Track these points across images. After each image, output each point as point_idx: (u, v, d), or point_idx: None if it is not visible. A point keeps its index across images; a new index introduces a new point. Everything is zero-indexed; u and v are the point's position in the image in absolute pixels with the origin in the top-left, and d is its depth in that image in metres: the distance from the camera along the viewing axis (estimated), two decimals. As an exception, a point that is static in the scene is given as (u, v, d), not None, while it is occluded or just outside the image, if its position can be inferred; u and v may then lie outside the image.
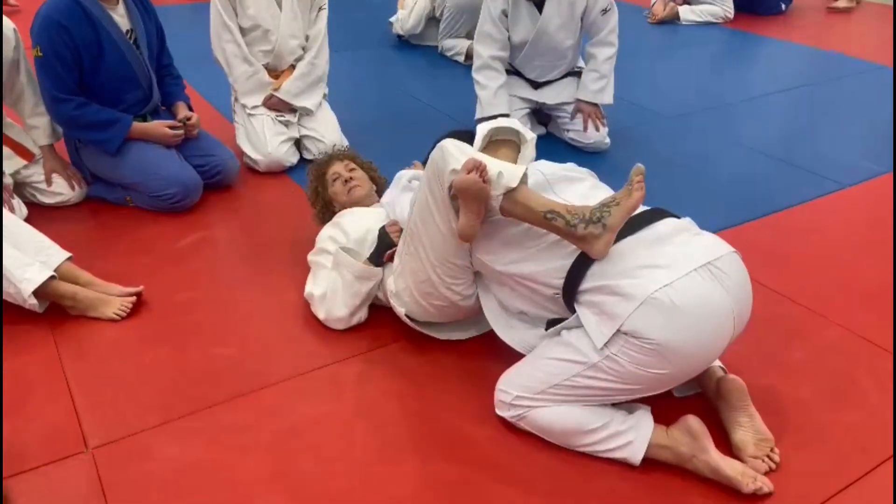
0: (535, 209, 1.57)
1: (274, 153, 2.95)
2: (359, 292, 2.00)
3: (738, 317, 1.54)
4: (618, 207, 1.51)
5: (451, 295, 1.84)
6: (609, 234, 1.51)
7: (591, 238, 1.51)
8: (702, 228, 1.71)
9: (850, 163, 3.14)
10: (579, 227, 1.51)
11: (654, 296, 1.46)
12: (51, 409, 1.76)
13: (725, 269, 1.53)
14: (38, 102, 2.58)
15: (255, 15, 2.94)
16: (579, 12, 3.10)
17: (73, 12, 2.42)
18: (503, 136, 1.80)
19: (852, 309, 2.15)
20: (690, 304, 1.47)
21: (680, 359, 1.51)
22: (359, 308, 2.02)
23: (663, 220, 1.63)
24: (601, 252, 1.52)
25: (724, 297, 1.50)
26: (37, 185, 2.63)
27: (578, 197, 1.68)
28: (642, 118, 3.63)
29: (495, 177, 1.58)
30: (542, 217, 1.56)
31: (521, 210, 1.59)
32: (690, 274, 1.49)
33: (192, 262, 2.40)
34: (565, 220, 1.53)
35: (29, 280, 1.97)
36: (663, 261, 1.51)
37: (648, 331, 1.46)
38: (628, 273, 1.51)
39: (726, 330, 1.53)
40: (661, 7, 5.50)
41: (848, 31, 5.32)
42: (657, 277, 1.48)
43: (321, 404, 1.79)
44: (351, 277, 2.00)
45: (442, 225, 1.72)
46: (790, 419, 1.73)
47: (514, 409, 1.66)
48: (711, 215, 2.61)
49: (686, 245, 1.57)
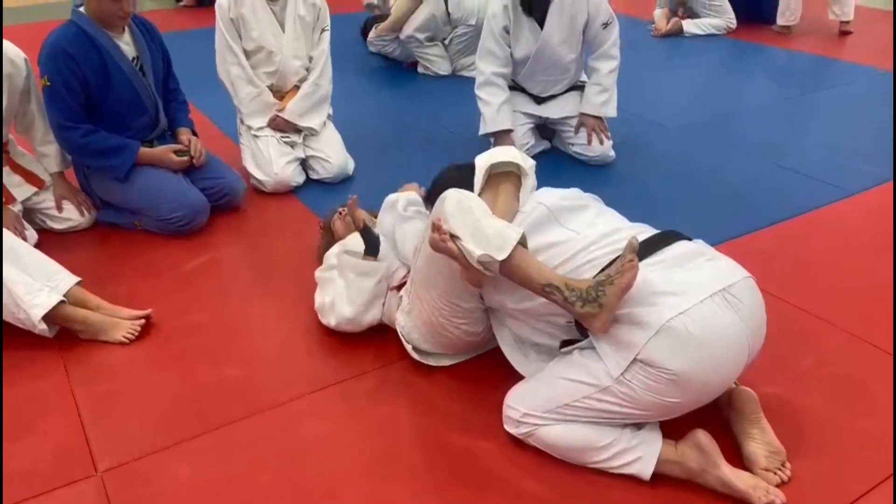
0: (533, 279, 1.55)
1: (280, 174, 2.97)
2: (362, 288, 2.00)
3: (752, 344, 1.53)
4: (612, 287, 1.47)
5: (459, 333, 1.85)
6: (606, 312, 1.48)
7: (588, 316, 1.50)
8: (709, 239, 1.71)
9: (855, 169, 3.13)
10: (577, 305, 1.50)
11: (670, 324, 1.45)
12: (60, 432, 1.77)
13: (740, 296, 1.52)
14: (49, 130, 2.62)
15: (258, 37, 2.98)
16: (580, 26, 3.11)
17: (80, 41, 2.46)
18: (503, 169, 1.78)
19: (860, 315, 2.13)
20: (706, 332, 1.45)
21: (694, 388, 1.50)
22: (366, 307, 2.01)
23: (676, 244, 1.62)
24: (600, 330, 1.50)
25: (739, 325, 1.49)
26: (47, 211, 2.66)
27: (585, 225, 1.67)
28: (647, 130, 3.63)
29: (485, 249, 1.55)
30: (540, 289, 1.54)
31: (519, 277, 1.57)
32: (705, 301, 1.47)
33: (201, 284, 2.41)
34: (563, 295, 1.51)
35: (39, 305, 1.99)
36: (677, 287, 1.50)
37: (664, 360, 1.45)
38: (642, 300, 1.49)
39: (741, 358, 1.52)
40: (665, 22, 5.52)
41: (849, 38, 5.31)
42: (672, 304, 1.47)
43: (330, 423, 1.79)
44: (353, 275, 2.02)
45: (446, 270, 1.72)
46: (802, 429, 1.71)
47: (523, 427, 1.65)
48: (718, 225, 2.61)
49: (700, 271, 1.55)
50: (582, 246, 1.62)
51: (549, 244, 1.64)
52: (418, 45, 4.55)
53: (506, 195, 1.74)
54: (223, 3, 2.94)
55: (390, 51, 4.67)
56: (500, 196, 1.73)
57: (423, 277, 1.81)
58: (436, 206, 1.69)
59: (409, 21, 4.48)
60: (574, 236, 1.64)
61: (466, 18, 4.46)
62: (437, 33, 4.54)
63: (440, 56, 4.59)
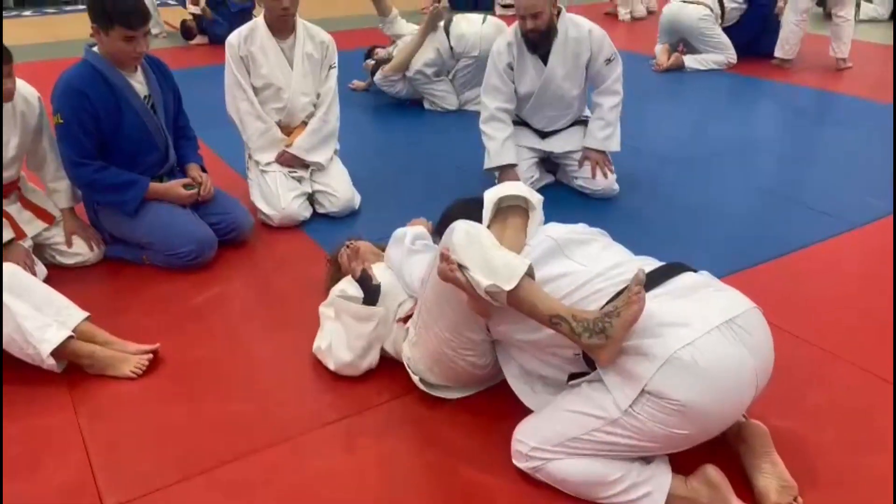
0: (540, 311, 1.56)
1: (287, 208, 3.00)
2: (361, 334, 2.00)
3: (760, 375, 1.53)
4: (619, 319, 1.47)
5: (466, 365, 1.85)
6: (613, 344, 1.48)
7: (595, 348, 1.50)
8: (713, 272, 1.71)
9: (859, 202, 3.14)
10: (583, 336, 1.50)
11: (677, 355, 1.45)
12: (68, 468, 1.76)
13: (746, 327, 1.52)
14: (60, 167, 2.66)
15: (267, 74, 3.03)
16: (583, 62, 3.17)
17: (94, 80, 2.52)
18: (511, 203, 1.80)
19: (868, 348, 2.13)
20: (713, 363, 1.45)
21: (703, 419, 1.49)
22: (365, 352, 2.02)
23: (683, 275, 1.63)
24: (607, 361, 1.50)
25: (746, 355, 1.49)
26: (57, 246, 2.69)
27: (591, 259, 1.68)
28: (650, 164, 3.66)
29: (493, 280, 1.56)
30: (547, 320, 1.55)
31: (527, 308, 1.57)
32: (712, 332, 1.48)
33: (208, 318, 2.42)
34: (570, 326, 1.52)
35: (48, 341, 1.99)
36: (684, 318, 1.50)
37: (672, 391, 1.45)
38: (649, 331, 1.49)
39: (749, 389, 1.52)
40: (666, 57, 5.61)
41: (848, 72, 5.38)
42: (679, 335, 1.47)
43: (337, 458, 1.78)
44: (350, 320, 2.02)
45: (453, 301, 1.72)
46: (812, 463, 1.70)
47: (532, 461, 1.64)
48: (722, 258, 2.62)
49: (707, 302, 1.56)
50: (588, 278, 1.63)
51: (556, 276, 1.65)
52: (426, 81, 4.62)
53: (514, 228, 1.75)
54: (233, 40, 3.01)
55: (396, 91, 4.72)
56: (508, 229, 1.75)
57: (431, 309, 1.82)
58: (444, 236, 1.70)
59: (415, 58, 4.56)
60: (580, 269, 1.65)
61: (469, 51, 4.54)
62: (443, 67, 4.63)
63: (447, 91, 4.67)
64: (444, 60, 4.59)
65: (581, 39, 3.12)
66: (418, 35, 4.55)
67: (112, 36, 2.45)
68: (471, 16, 4.73)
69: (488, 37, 4.44)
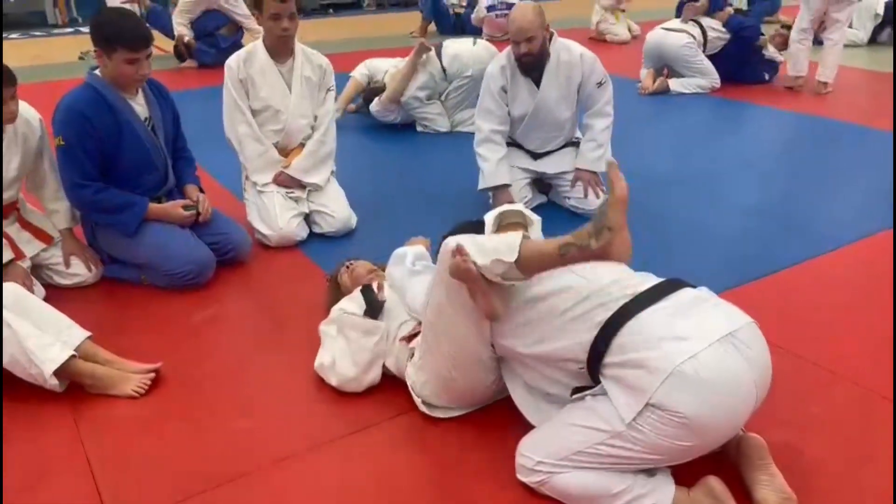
0: (549, 254, 1.62)
1: (285, 228, 3.02)
2: (365, 347, 2.03)
3: (759, 387, 1.57)
4: (612, 209, 1.54)
5: (471, 383, 1.88)
6: (619, 233, 1.56)
7: (607, 246, 1.56)
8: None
9: (845, 222, 3.22)
10: (592, 244, 1.57)
11: (680, 368, 1.48)
12: (73, 488, 1.76)
13: (746, 340, 1.56)
14: (59, 188, 2.67)
15: (266, 96, 3.07)
16: (575, 86, 3.24)
17: (96, 103, 2.55)
18: (511, 220, 1.87)
19: (860, 363, 2.18)
20: (716, 376, 1.49)
21: (706, 431, 1.52)
22: (370, 366, 2.04)
23: (682, 290, 1.67)
24: (625, 253, 1.56)
25: (746, 368, 1.53)
26: (55, 267, 2.69)
27: (593, 273, 1.71)
28: (639, 184, 3.65)
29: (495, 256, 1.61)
30: (558, 257, 1.61)
31: (538, 262, 1.63)
32: (713, 345, 1.51)
33: (208, 338, 2.43)
34: (577, 245, 1.58)
35: (51, 360, 2.00)
36: (685, 332, 1.54)
37: (676, 404, 1.48)
38: (652, 345, 1.53)
39: (750, 401, 1.56)
40: (651, 81, 5.73)
41: (831, 97, 5.52)
42: (681, 349, 1.50)
43: (342, 475, 1.79)
44: (355, 335, 2.04)
45: (458, 319, 1.75)
46: (809, 475, 1.73)
47: (536, 475, 1.67)
48: (712, 277, 2.64)
49: (706, 316, 1.60)
50: (592, 291, 1.66)
51: (561, 289, 1.68)
52: (419, 105, 4.67)
53: None
54: (232, 63, 3.05)
55: (392, 119, 4.75)
56: None
57: (434, 328, 1.84)
58: (440, 253, 1.74)
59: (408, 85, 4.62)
60: (583, 282, 1.68)
61: (462, 71, 4.61)
62: (436, 89, 4.69)
63: (439, 113, 4.73)
64: (437, 83, 4.66)
65: (573, 63, 3.19)
66: (407, 65, 4.58)
67: (115, 59, 2.48)
68: (461, 41, 4.82)
69: (480, 57, 4.53)
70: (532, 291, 1.70)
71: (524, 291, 1.71)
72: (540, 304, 1.68)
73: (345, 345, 2.06)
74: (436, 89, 4.69)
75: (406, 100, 4.65)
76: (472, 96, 4.67)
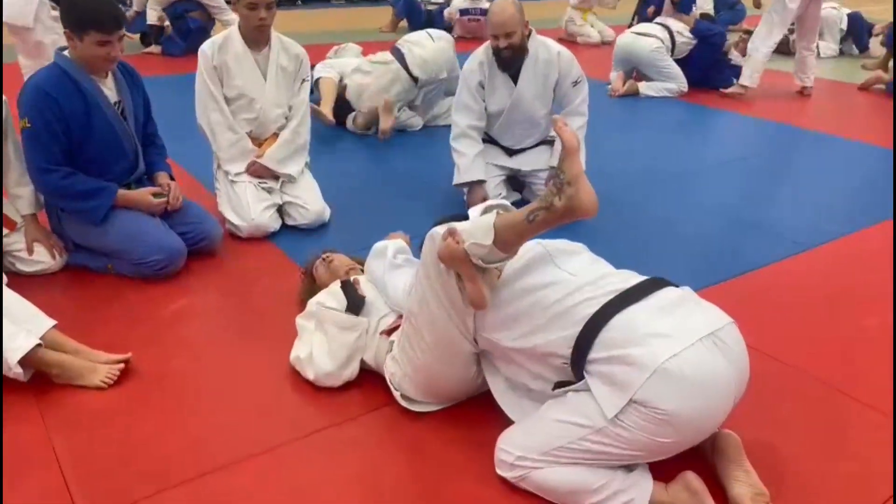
0: (520, 225, 1.57)
1: (257, 219, 2.97)
2: (345, 343, 2.01)
3: (738, 386, 1.60)
4: (565, 161, 1.50)
5: (450, 377, 1.87)
6: (580, 182, 1.49)
7: (573, 200, 1.49)
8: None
9: (809, 225, 3.29)
10: (557, 202, 1.51)
11: (665, 365, 1.49)
12: (40, 481, 1.70)
13: (727, 340, 1.59)
14: (24, 173, 2.59)
15: (240, 85, 3.02)
16: (552, 84, 3.26)
17: (63, 84, 2.46)
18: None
19: (830, 365, 2.23)
20: (698, 374, 1.51)
21: (687, 428, 1.55)
22: (347, 362, 2.02)
23: (665, 289, 1.69)
24: (591, 203, 1.49)
25: (727, 367, 1.56)
26: (17, 253, 2.60)
27: (579, 268, 1.73)
28: (612, 184, 3.74)
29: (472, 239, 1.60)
30: (527, 224, 1.56)
31: (512, 236, 1.58)
32: (695, 344, 1.53)
33: (178, 329, 2.38)
34: (543, 207, 1.53)
35: (16, 349, 1.93)
36: (670, 330, 1.56)
37: (659, 401, 1.49)
38: (637, 341, 1.54)
39: (729, 399, 1.59)
40: (621, 84, 5.80)
41: (793, 105, 5.66)
42: (665, 346, 1.52)
43: (318, 470, 1.77)
44: (335, 330, 2.02)
45: (441, 312, 1.74)
46: (784, 472, 1.77)
47: (516, 470, 1.67)
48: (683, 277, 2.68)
49: (689, 315, 1.62)
50: (577, 286, 1.67)
51: (546, 284, 1.69)
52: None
53: None
54: (206, 50, 2.98)
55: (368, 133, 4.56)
56: None
57: (417, 320, 1.82)
58: (424, 246, 1.73)
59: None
60: (569, 277, 1.69)
61: (437, 74, 4.47)
62: (407, 98, 4.54)
63: (411, 116, 4.63)
64: (408, 92, 4.48)
65: (550, 61, 3.21)
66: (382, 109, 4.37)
67: (86, 41, 2.40)
68: (418, 39, 4.55)
69: (447, 55, 4.47)
70: (519, 284, 1.70)
71: (511, 283, 1.71)
72: (527, 296, 1.68)
73: (323, 339, 2.03)
74: (406, 98, 4.54)
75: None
76: (443, 92, 4.64)
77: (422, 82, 4.48)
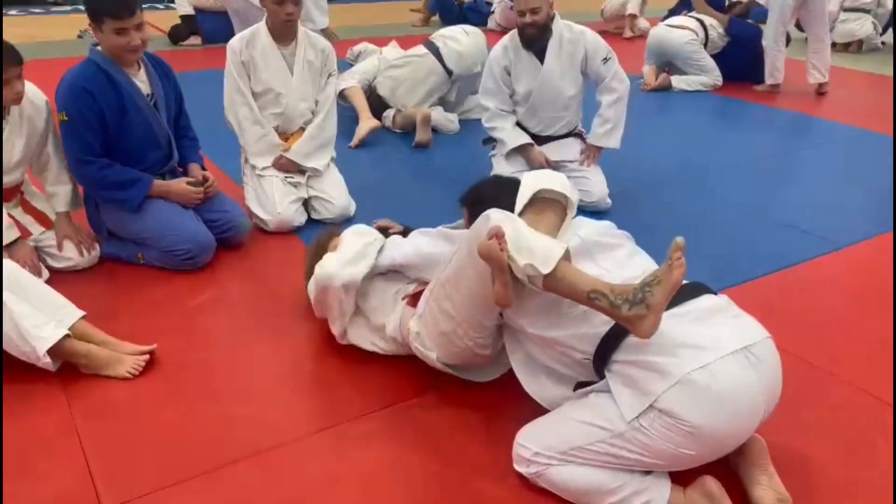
0: (578, 288, 1.54)
1: (283, 213, 3.00)
2: (352, 243, 2.11)
3: (768, 403, 1.56)
4: (659, 287, 1.46)
5: (470, 345, 1.83)
6: (654, 314, 1.46)
7: (636, 319, 1.47)
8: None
9: (845, 224, 3.21)
10: (623, 309, 1.48)
11: (691, 376, 1.47)
12: (64, 469, 1.75)
13: (760, 356, 1.55)
14: (62, 171, 2.66)
15: (267, 80, 3.04)
16: (579, 62, 3.26)
17: (98, 78, 2.52)
18: (548, 196, 1.78)
19: (859, 366, 2.18)
20: (726, 388, 1.48)
21: (712, 442, 1.52)
22: (355, 260, 2.06)
23: (702, 297, 1.65)
24: (648, 332, 1.48)
25: (757, 383, 1.52)
26: (48, 249, 2.65)
27: (616, 265, 1.69)
28: (640, 181, 3.71)
29: (530, 260, 1.55)
30: (585, 296, 1.53)
31: (565, 288, 1.56)
32: (727, 357, 1.50)
33: (204, 321, 2.41)
34: (609, 300, 1.50)
35: (45, 339, 1.97)
36: (701, 341, 1.52)
37: (684, 412, 1.46)
38: (665, 350, 1.51)
39: (756, 416, 1.55)
40: (653, 77, 5.70)
41: (830, 99, 5.51)
42: (694, 357, 1.49)
43: (338, 463, 1.78)
44: (349, 234, 2.17)
45: (474, 285, 1.70)
46: (807, 477, 1.74)
47: (533, 466, 1.66)
48: (712, 276, 2.64)
49: (724, 327, 1.58)
50: None
51: None
52: None
53: (548, 224, 1.73)
54: (235, 45, 3.02)
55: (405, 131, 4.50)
56: (543, 223, 1.72)
57: (449, 283, 1.78)
58: (478, 221, 1.68)
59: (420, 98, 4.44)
60: (604, 274, 1.64)
61: (471, 69, 4.41)
62: (441, 92, 4.51)
63: (448, 119, 4.51)
64: (442, 86, 4.47)
65: (575, 40, 3.22)
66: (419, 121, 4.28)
67: (105, 31, 2.45)
68: (452, 33, 4.54)
69: (479, 46, 4.45)
70: None
71: None
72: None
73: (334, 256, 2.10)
74: (441, 91, 4.50)
75: None
76: (476, 82, 4.59)
77: (455, 76, 4.49)
